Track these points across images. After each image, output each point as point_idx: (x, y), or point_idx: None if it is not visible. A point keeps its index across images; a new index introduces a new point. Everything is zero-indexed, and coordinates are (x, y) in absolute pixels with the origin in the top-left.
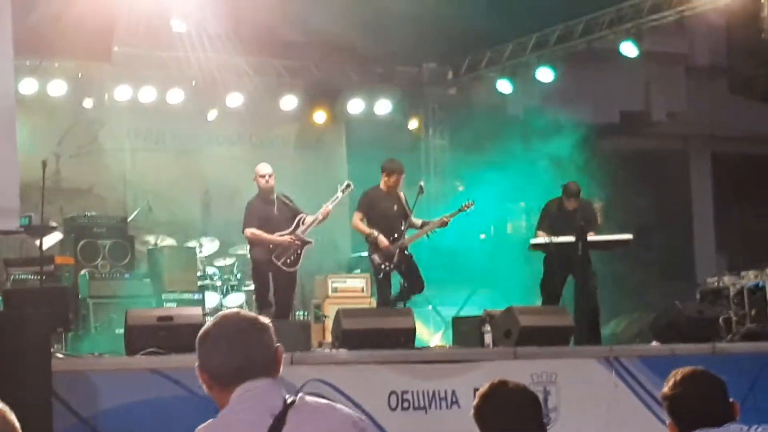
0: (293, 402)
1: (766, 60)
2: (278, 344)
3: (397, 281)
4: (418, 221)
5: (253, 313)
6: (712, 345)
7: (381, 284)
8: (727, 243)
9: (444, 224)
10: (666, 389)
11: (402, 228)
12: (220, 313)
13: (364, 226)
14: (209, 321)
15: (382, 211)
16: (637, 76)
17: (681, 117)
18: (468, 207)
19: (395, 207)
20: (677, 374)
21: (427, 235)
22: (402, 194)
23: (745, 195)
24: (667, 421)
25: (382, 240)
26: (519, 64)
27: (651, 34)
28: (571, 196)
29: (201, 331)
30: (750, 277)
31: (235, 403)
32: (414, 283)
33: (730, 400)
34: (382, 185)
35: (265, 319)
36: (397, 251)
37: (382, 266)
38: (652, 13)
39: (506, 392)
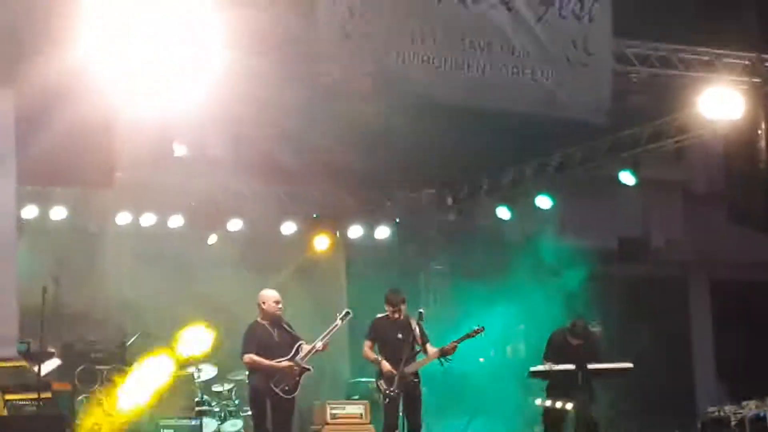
0: None
1: (763, 190)
2: None
3: None
4: (431, 350)
5: None
6: None
7: (387, 410)
8: (728, 371)
9: (449, 352)
10: None
11: (409, 355)
12: None
13: (370, 353)
14: None
15: (388, 339)
16: (636, 203)
17: (679, 244)
18: (477, 333)
19: (400, 335)
20: None
21: (441, 364)
22: (413, 321)
23: (745, 322)
24: None
25: (385, 365)
26: (518, 192)
27: (649, 161)
28: (577, 336)
29: None
30: (751, 407)
31: None
32: (410, 418)
33: None
34: (388, 313)
35: None
36: (400, 378)
37: (387, 391)
38: (651, 143)
39: None
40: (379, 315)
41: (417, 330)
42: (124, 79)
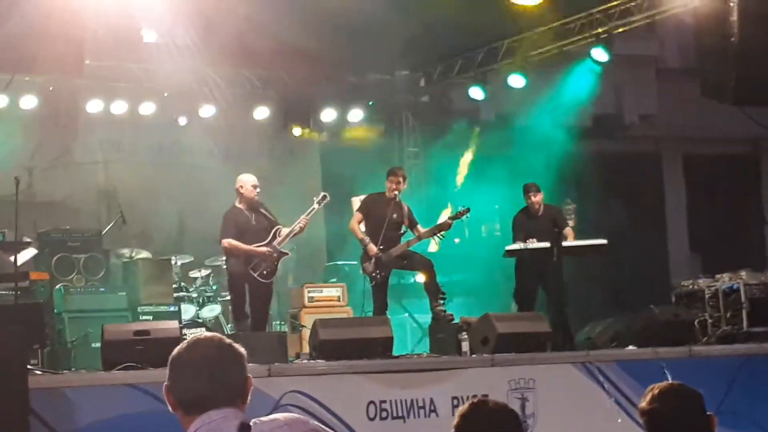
0: (249, 431)
1: (735, 63)
2: (248, 375)
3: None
4: (423, 230)
5: (228, 340)
6: (688, 348)
7: (374, 293)
8: (701, 244)
9: (446, 228)
10: (644, 404)
11: (397, 235)
12: (194, 337)
13: (358, 230)
14: (183, 343)
15: (379, 217)
16: (609, 79)
17: (653, 119)
18: (464, 214)
19: (394, 215)
20: (654, 389)
21: (436, 242)
22: (405, 205)
23: (718, 196)
24: None
25: (372, 248)
26: (490, 71)
27: (621, 38)
28: (530, 192)
29: (173, 352)
30: (725, 280)
31: None
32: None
33: (708, 413)
34: (386, 191)
35: (239, 348)
36: (389, 258)
37: (373, 274)
38: (622, 18)
39: (486, 412)
40: (378, 192)
41: (407, 212)
42: None
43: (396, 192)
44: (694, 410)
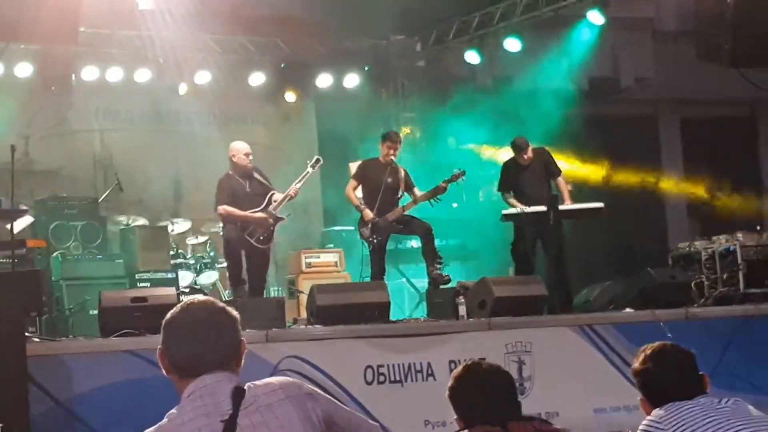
0: (243, 395)
1: (732, 25)
2: (242, 338)
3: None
4: (419, 193)
5: (221, 304)
6: (685, 310)
7: (372, 258)
8: (698, 207)
9: (441, 191)
10: (636, 365)
11: (391, 201)
12: (188, 300)
13: (354, 197)
14: (176, 307)
15: (375, 182)
16: (605, 42)
17: (649, 82)
18: (459, 176)
19: (390, 179)
20: (647, 349)
21: (432, 205)
22: (402, 169)
23: (715, 158)
24: (639, 396)
25: (367, 213)
26: (486, 35)
27: (617, 0)
28: (521, 149)
29: (167, 316)
30: (721, 242)
31: (185, 403)
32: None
33: (700, 372)
34: (380, 157)
35: (232, 311)
36: (386, 223)
37: (370, 239)
38: None
39: (480, 373)
40: (372, 157)
41: (403, 176)
42: None
43: (392, 157)
44: (686, 370)
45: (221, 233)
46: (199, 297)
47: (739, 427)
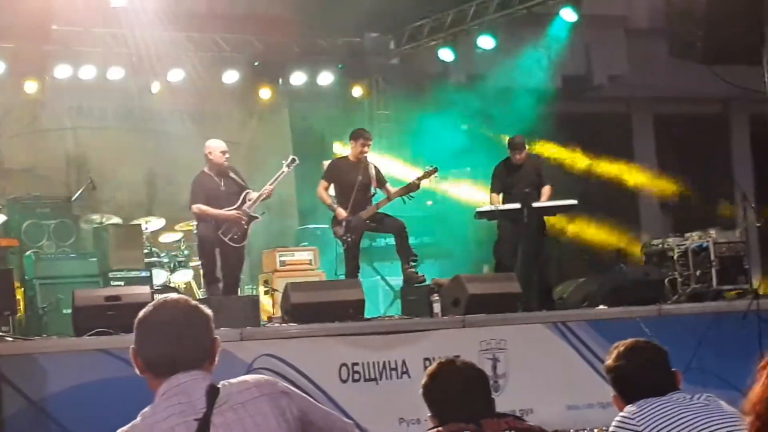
0: (218, 393)
1: (703, 22)
2: (216, 336)
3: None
4: (392, 189)
5: (194, 302)
6: (658, 307)
7: (346, 256)
8: (671, 204)
9: (414, 188)
10: (609, 361)
11: (363, 199)
12: (161, 299)
13: (326, 196)
14: (149, 306)
15: (347, 181)
16: (578, 39)
17: (622, 80)
18: (432, 173)
19: (361, 177)
20: (619, 346)
21: (404, 202)
22: (372, 165)
23: (688, 155)
24: (611, 393)
25: (340, 212)
26: (460, 33)
27: None
28: (517, 149)
29: (139, 315)
30: (694, 238)
31: (159, 402)
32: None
33: (673, 369)
34: (350, 155)
35: (205, 309)
36: (360, 222)
37: (344, 237)
38: None
39: (454, 371)
40: (340, 156)
41: (374, 173)
42: None
43: (365, 155)
44: (659, 366)
45: (195, 231)
46: (172, 295)
47: (713, 426)
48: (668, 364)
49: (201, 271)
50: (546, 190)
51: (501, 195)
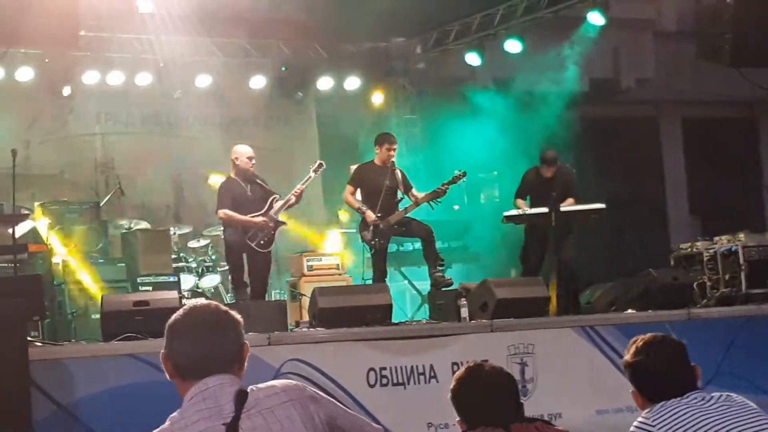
0: (246, 398)
1: (731, 25)
2: (245, 341)
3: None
4: (419, 194)
5: (224, 307)
6: (687, 311)
7: (374, 260)
8: (700, 207)
9: (441, 194)
10: (627, 357)
11: (390, 203)
12: (191, 303)
13: (353, 200)
14: (180, 310)
15: (374, 186)
16: (606, 43)
17: (650, 83)
18: (460, 178)
19: (387, 182)
20: (637, 341)
21: (431, 207)
22: (399, 170)
23: (716, 158)
24: (630, 389)
25: (369, 215)
26: (487, 37)
27: (617, 1)
28: (548, 164)
29: (170, 320)
30: (723, 242)
31: (187, 406)
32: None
33: (692, 364)
34: (376, 159)
35: (235, 314)
36: (388, 226)
37: (372, 242)
38: None
39: (482, 375)
40: (367, 161)
41: (401, 178)
42: None
43: (392, 159)
44: (677, 361)
45: (223, 237)
46: (202, 300)
47: (735, 427)
48: (687, 358)
49: (229, 276)
50: (569, 201)
51: (527, 201)
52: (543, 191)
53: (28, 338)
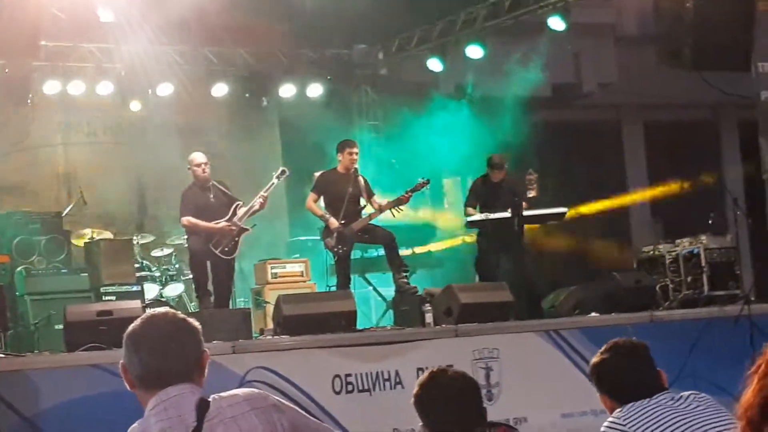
0: (208, 407)
1: (692, 29)
2: (205, 349)
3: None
4: (382, 201)
5: (182, 315)
6: (650, 314)
7: (338, 267)
8: (662, 210)
9: (404, 201)
10: (592, 362)
11: (353, 210)
12: (149, 313)
13: (316, 208)
14: (137, 320)
15: (337, 193)
16: (568, 48)
17: (612, 87)
18: (424, 185)
19: (351, 189)
20: (602, 347)
21: (394, 215)
22: (362, 177)
23: (678, 162)
24: (598, 393)
25: (333, 222)
26: (448, 42)
27: (578, 6)
28: (496, 168)
29: (128, 330)
30: (685, 245)
31: (148, 416)
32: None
33: (657, 369)
34: (339, 166)
35: (193, 322)
36: (351, 233)
37: (335, 249)
38: None
39: (445, 380)
40: (330, 169)
41: (364, 185)
42: None
43: (355, 165)
44: (642, 363)
45: (186, 245)
46: (160, 309)
47: (703, 426)
48: (650, 357)
49: (193, 285)
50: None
51: (477, 209)
52: (492, 197)
53: None
